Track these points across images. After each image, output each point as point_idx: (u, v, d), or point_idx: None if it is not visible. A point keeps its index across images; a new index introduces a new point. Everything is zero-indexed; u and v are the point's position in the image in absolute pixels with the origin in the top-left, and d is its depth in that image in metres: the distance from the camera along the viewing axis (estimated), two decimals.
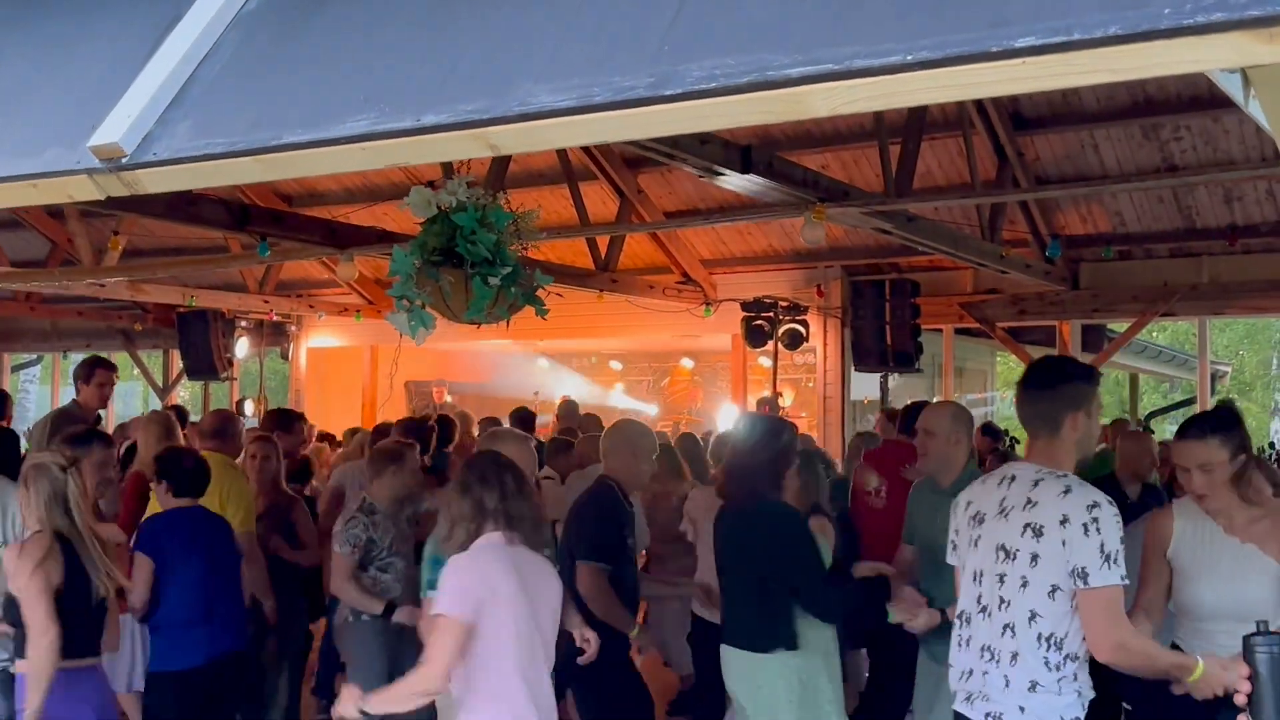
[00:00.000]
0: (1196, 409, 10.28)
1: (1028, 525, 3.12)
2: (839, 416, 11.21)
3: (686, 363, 16.44)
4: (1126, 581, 3.04)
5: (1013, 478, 3.28)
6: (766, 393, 11.09)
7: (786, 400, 11.89)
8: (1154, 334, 17.03)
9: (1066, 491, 3.09)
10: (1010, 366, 18.38)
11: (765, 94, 1.57)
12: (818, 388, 11.64)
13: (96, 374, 6.53)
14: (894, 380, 11.37)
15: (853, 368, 10.95)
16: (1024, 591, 3.12)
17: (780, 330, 10.61)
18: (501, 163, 7.81)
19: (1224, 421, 3.49)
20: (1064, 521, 3.04)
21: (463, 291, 3.69)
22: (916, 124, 7.53)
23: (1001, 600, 3.18)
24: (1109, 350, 11.42)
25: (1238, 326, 26.08)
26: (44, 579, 3.74)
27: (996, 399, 16.07)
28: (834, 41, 1.54)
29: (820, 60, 1.54)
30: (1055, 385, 3.30)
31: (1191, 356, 15.44)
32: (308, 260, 11.75)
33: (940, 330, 11.64)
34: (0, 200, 2.31)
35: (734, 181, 6.24)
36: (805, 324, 10.73)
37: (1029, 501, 3.15)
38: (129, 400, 17.40)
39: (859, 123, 8.97)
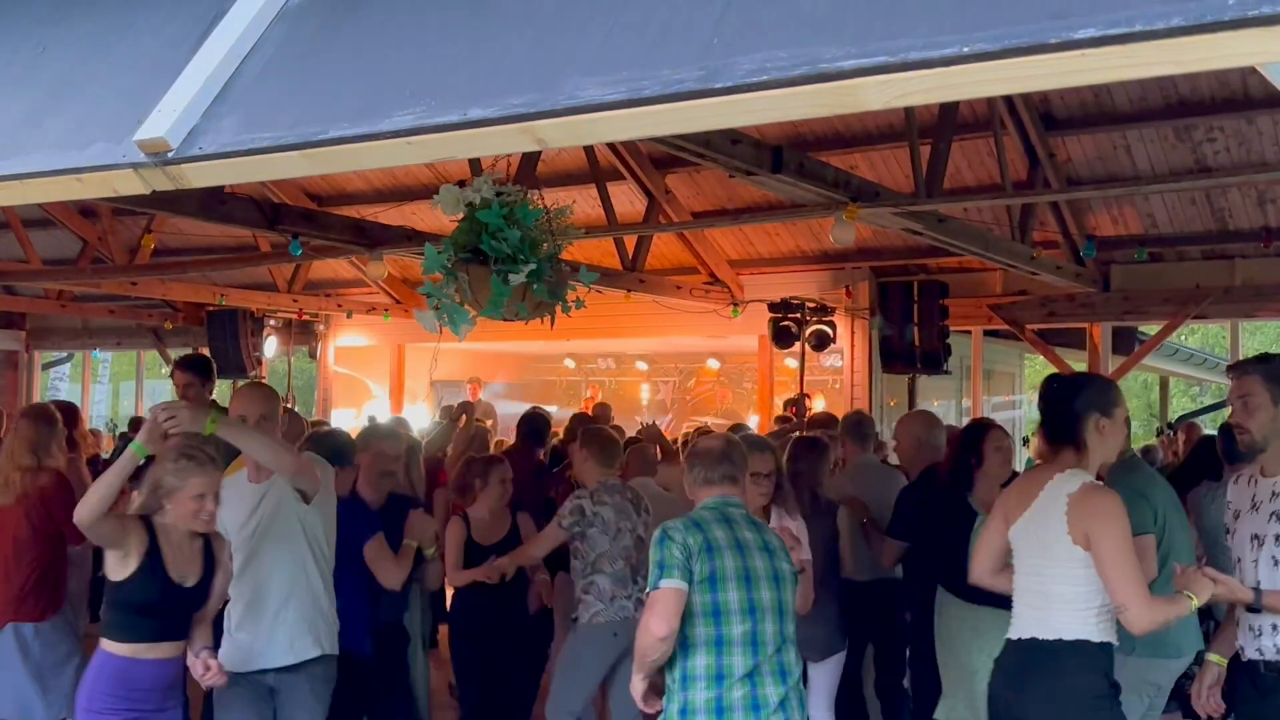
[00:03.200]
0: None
1: None
2: None
3: (713, 363, 16.38)
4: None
5: None
6: (793, 395, 11.03)
7: (817, 405, 11.76)
8: (1184, 337, 16.86)
9: None
10: (1038, 370, 18.22)
11: (817, 87, 1.55)
12: (844, 389, 11.57)
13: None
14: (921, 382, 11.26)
15: (880, 369, 10.91)
16: None
17: (807, 331, 10.56)
18: (530, 161, 7.80)
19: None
20: None
21: (485, 289, 3.67)
22: (947, 124, 7.47)
23: None
24: (1140, 353, 11.31)
25: (1269, 329, 25.84)
26: None
27: (1024, 402, 15.92)
28: (888, 33, 1.52)
29: (874, 52, 1.52)
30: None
31: (1222, 360, 15.30)
32: (336, 260, 11.79)
33: (969, 332, 11.56)
34: (45, 194, 2.32)
35: (766, 182, 6.22)
36: (833, 325, 10.69)
37: None
38: (159, 398, 17.52)
39: (888, 123, 8.92)
